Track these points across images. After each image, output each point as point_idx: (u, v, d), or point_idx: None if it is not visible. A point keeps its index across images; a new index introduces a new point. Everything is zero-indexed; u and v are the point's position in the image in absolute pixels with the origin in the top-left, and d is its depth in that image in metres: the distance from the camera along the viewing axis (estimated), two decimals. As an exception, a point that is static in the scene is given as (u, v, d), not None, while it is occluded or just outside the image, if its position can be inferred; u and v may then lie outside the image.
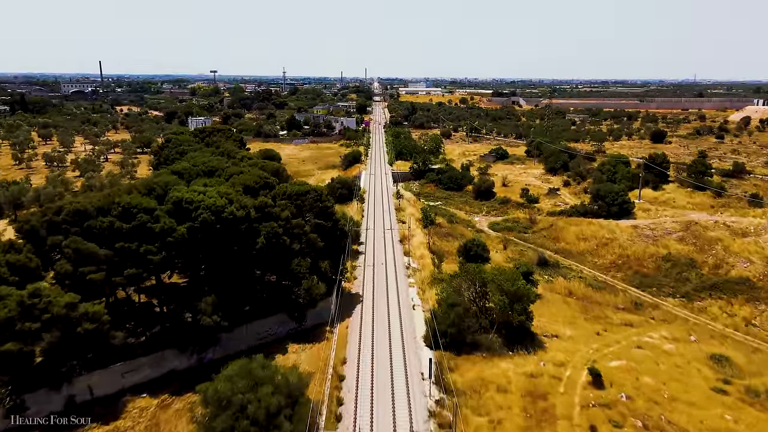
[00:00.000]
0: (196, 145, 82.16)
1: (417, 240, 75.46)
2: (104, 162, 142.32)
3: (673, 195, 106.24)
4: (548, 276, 70.87)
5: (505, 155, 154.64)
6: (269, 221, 48.29)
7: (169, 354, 41.20)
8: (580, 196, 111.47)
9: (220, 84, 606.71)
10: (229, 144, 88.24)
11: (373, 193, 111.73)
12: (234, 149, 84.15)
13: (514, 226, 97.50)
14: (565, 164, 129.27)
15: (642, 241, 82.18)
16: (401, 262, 69.16)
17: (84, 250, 39.10)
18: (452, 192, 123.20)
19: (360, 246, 75.34)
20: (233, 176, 54.10)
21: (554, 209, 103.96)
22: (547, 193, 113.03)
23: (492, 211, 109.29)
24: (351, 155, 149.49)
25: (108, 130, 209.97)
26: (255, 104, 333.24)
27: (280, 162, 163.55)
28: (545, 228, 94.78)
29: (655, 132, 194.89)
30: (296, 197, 53.26)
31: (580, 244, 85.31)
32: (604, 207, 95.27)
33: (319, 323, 51.45)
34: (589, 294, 65.77)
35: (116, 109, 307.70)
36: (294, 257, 49.29)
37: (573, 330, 54.33)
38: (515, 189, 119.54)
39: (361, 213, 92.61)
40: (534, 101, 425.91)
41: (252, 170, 56.43)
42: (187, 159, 65.83)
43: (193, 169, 56.26)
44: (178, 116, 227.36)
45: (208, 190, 44.94)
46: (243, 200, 45.93)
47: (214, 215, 42.27)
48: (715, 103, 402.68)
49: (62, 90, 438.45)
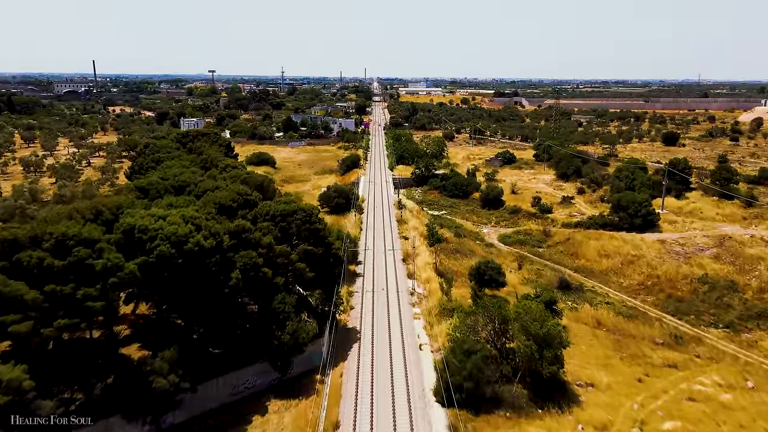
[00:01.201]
0: (175, 152, 73.70)
1: (422, 259, 67.02)
2: (87, 167, 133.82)
3: (699, 204, 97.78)
4: (572, 302, 62.43)
5: (513, 159, 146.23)
6: (247, 249, 39.87)
7: (115, 423, 32.72)
8: (597, 205, 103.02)
9: (218, 84, 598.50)
10: (213, 150, 79.78)
11: (372, 201, 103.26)
12: (218, 156, 75.67)
13: (527, 239, 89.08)
14: (578, 170, 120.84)
15: (672, 259, 73.74)
16: (405, 286, 60.70)
17: (6, 292, 30.65)
18: (457, 200, 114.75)
19: (358, 266, 66.87)
20: (207, 193, 45.68)
21: (570, 220, 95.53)
22: (560, 202, 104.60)
23: (501, 222, 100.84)
24: (349, 159, 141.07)
25: (96, 132, 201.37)
26: (252, 105, 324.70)
27: (274, 166, 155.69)
28: (561, 242, 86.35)
29: (667, 134, 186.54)
30: (282, 218, 44.84)
31: (602, 261, 76.88)
32: (626, 219, 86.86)
33: (308, 370, 42.99)
34: (620, 325, 57.32)
35: (108, 110, 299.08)
36: (277, 292, 40.86)
37: (610, 375, 45.86)
38: (525, 197, 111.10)
39: (360, 226, 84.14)
40: (536, 102, 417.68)
41: (230, 185, 47.96)
42: (159, 170, 57.46)
43: (160, 184, 47.81)
44: (170, 117, 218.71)
45: (171, 213, 36.52)
46: (214, 226, 37.50)
47: (175, 247, 33.85)
48: (721, 104, 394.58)
49: (55, 90, 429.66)
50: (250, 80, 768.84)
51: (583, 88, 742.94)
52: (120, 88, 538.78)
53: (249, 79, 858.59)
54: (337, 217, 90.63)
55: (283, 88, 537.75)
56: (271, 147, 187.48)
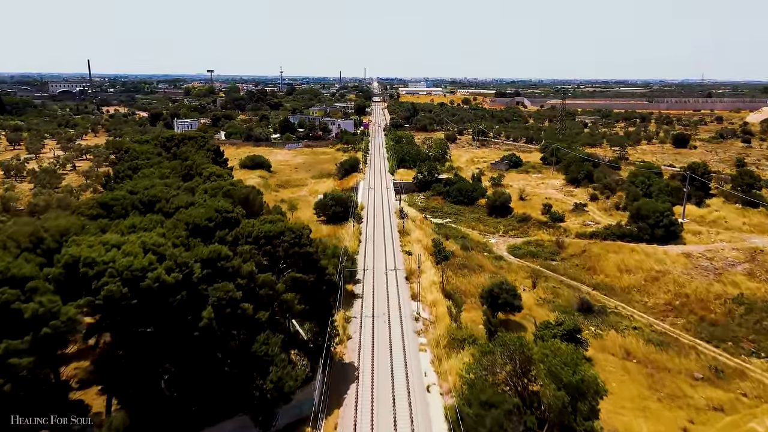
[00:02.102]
0: (156, 158, 67.21)
1: (427, 278, 60.52)
2: (71, 171, 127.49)
3: (723, 213, 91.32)
4: (595, 327, 55.96)
5: (519, 162, 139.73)
6: (224, 280, 33.41)
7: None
8: (612, 213, 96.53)
9: (216, 84, 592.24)
10: (199, 156, 73.28)
11: (372, 209, 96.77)
12: (204, 162, 69.20)
13: (539, 251, 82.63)
14: (590, 174, 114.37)
15: (701, 276, 67.29)
16: (408, 310, 54.22)
17: None
18: (462, 206, 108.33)
19: (356, 285, 60.39)
20: (180, 210, 39.18)
21: (584, 230, 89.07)
22: (572, 210, 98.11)
23: (510, 231, 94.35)
24: (348, 163, 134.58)
25: (86, 134, 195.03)
26: (249, 105, 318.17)
27: (269, 170, 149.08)
28: (577, 254, 79.90)
29: (677, 136, 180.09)
30: (267, 240, 38.38)
31: (623, 277, 70.44)
32: (646, 229, 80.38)
33: (297, 420, 36.58)
34: (652, 355, 50.83)
35: (103, 110, 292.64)
36: (260, 330, 34.41)
37: (649, 422, 39.40)
38: (535, 203, 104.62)
39: (359, 237, 77.66)
40: (538, 102, 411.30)
41: (209, 200, 41.41)
42: (131, 181, 51.00)
43: (127, 199, 41.31)
44: (163, 118, 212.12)
45: (128, 240, 30.07)
46: (181, 254, 31.04)
47: (128, 284, 27.41)
48: (726, 104, 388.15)
49: (50, 90, 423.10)
50: (249, 80, 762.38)
51: (584, 88, 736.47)
52: (117, 88, 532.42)
53: (248, 79, 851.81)
54: (334, 227, 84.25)
55: (282, 88, 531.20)
56: (268, 149, 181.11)
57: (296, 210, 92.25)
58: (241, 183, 53.34)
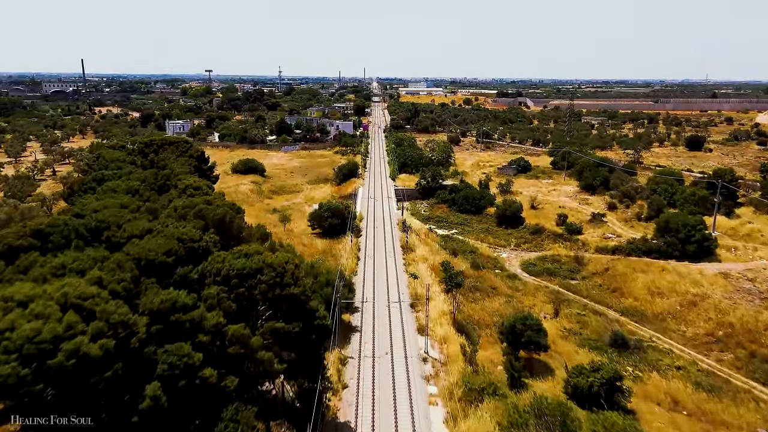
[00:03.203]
0: (127, 168, 59.32)
1: (436, 306, 52.62)
2: (51, 176, 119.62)
3: (757, 225, 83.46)
4: (633, 367, 48.03)
5: (528, 167, 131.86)
6: (181, 338, 25.55)
7: None
8: (634, 225, 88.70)
9: (215, 84, 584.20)
10: (179, 164, 65.32)
11: (372, 219, 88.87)
12: (182, 172, 61.25)
13: (557, 268, 74.85)
14: (606, 180, 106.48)
15: (745, 301, 59.42)
16: (415, 348, 46.34)
17: None
18: (469, 215, 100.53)
19: (354, 315, 52.52)
20: (133, 241, 31.33)
21: (604, 244, 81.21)
22: (590, 220, 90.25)
23: (523, 244, 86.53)
24: (346, 167, 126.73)
25: (74, 135, 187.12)
26: (246, 105, 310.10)
27: (263, 174, 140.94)
28: (599, 272, 72.11)
29: (691, 138, 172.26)
30: (240, 280, 30.53)
31: (655, 301, 62.57)
32: (675, 244, 72.56)
33: None
34: (704, 404, 42.88)
35: (95, 111, 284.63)
36: (227, 401, 26.52)
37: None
38: (548, 213, 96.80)
39: (357, 254, 69.74)
40: (540, 102, 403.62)
41: (171, 227, 33.46)
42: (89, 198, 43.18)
43: (68, 226, 33.38)
44: (155, 119, 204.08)
45: (43, 293, 22.27)
46: (119, 310, 23.21)
47: (30, 363, 19.58)
48: (733, 104, 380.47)
49: (43, 90, 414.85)
50: (248, 80, 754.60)
51: (586, 87, 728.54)
52: (114, 87, 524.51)
53: (247, 79, 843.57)
54: (330, 242, 76.38)
55: (281, 88, 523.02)
56: (263, 152, 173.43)
57: (289, 222, 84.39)
58: (220, 199, 45.41)
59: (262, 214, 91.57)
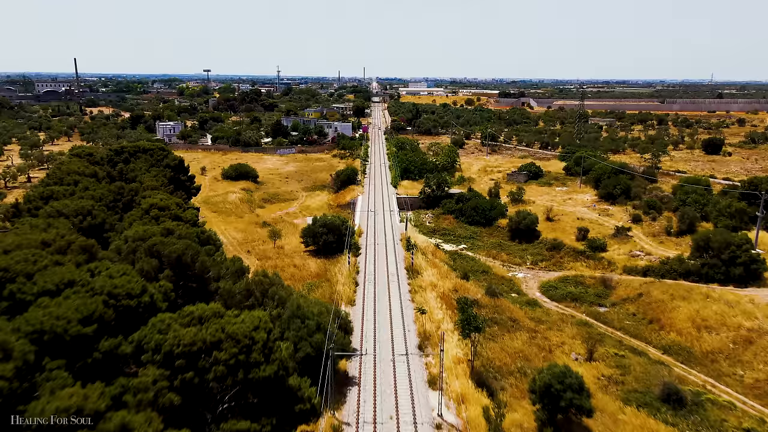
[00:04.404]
0: (86, 181, 50.44)
1: (450, 350, 43.78)
2: (27, 182, 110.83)
3: (804, 242, 74.66)
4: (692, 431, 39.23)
5: (539, 173, 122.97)
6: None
7: None
8: (663, 240, 79.84)
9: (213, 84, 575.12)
10: (149, 176, 56.55)
11: (373, 235, 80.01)
12: (151, 185, 52.50)
13: (581, 292, 66.10)
14: (627, 189, 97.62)
15: (811, 338, 50.63)
16: (426, 409, 37.52)
17: None
18: (478, 227, 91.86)
19: (351, 361, 43.64)
20: (41, 301, 22.60)
21: (633, 263, 72.39)
22: (614, 235, 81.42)
23: (540, 262, 77.84)
24: (345, 173, 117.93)
25: (59, 137, 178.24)
26: (243, 106, 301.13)
27: (256, 181, 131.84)
28: (631, 298, 63.35)
29: (708, 141, 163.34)
30: (188, 361, 21.69)
31: (702, 336, 53.70)
32: (717, 266, 63.80)
33: None
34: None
35: (86, 111, 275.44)
36: None
37: None
38: (566, 225, 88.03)
39: (355, 278, 60.85)
40: (543, 102, 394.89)
41: (100, 279, 24.68)
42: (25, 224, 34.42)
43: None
44: (145, 121, 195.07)
45: None
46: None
47: None
48: (742, 105, 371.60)
49: (36, 89, 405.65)
50: (247, 80, 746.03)
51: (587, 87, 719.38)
52: (109, 87, 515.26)
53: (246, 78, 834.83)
54: (325, 262, 67.53)
55: (279, 88, 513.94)
56: (257, 155, 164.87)
57: (279, 238, 75.54)
58: (184, 227, 36.54)
59: (251, 227, 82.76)
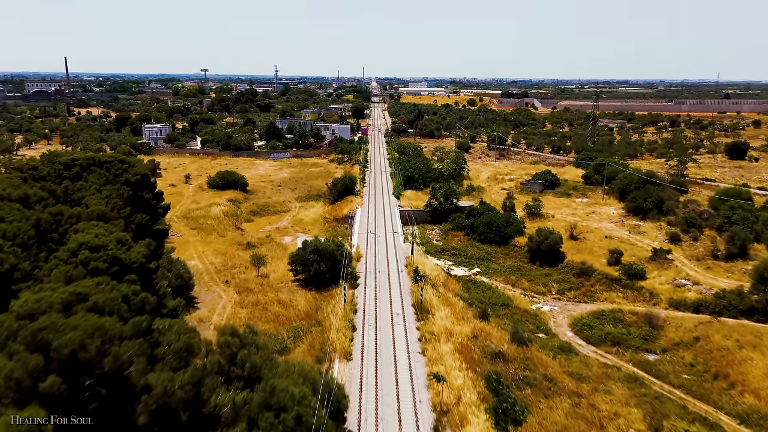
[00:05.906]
0: (6, 207, 39.68)
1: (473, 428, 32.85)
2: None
3: None
4: None
5: (555, 182, 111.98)
6: None
7: None
8: (710, 265, 68.93)
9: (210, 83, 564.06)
10: (97, 198, 45.74)
11: (373, 259, 69.00)
12: (98, 210, 41.64)
13: (624, 334, 55.10)
14: (659, 202, 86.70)
15: None
16: None
17: None
18: (493, 246, 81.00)
19: (346, 451, 32.64)
20: None
21: (680, 295, 61.53)
22: (651, 258, 70.53)
23: (567, 291, 66.91)
24: (342, 183, 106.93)
25: (39, 140, 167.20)
26: (238, 106, 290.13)
27: (245, 190, 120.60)
28: (686, 344, 52.45)
29: (732, 145, 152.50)
30: None
31: (787, 400, 42.88)
32: (788, 303, 52.98)
33: None
34: None
35: (74, 112, 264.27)
36: None
37: None
38: (593, 245, 77.15)
39: (352, 321, 49.83)
40: (547, 103, 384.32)
41: None
42: None
43: None
44: (131, 123, 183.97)
45: None
46: None
47: None
48: (753, 106, 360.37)
49: (26, 89, 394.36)
50: (245, 79, 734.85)
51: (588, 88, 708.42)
52: (103, 87, 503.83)
53: (244, 78, 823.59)
54: (317, 296, 56.55)
55: (277, 88, 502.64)
56: (249, 160, 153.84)
57: (264, 264, 64.47)
58: (107, 288, 25.61)
59: (232, 250, 71.72)
